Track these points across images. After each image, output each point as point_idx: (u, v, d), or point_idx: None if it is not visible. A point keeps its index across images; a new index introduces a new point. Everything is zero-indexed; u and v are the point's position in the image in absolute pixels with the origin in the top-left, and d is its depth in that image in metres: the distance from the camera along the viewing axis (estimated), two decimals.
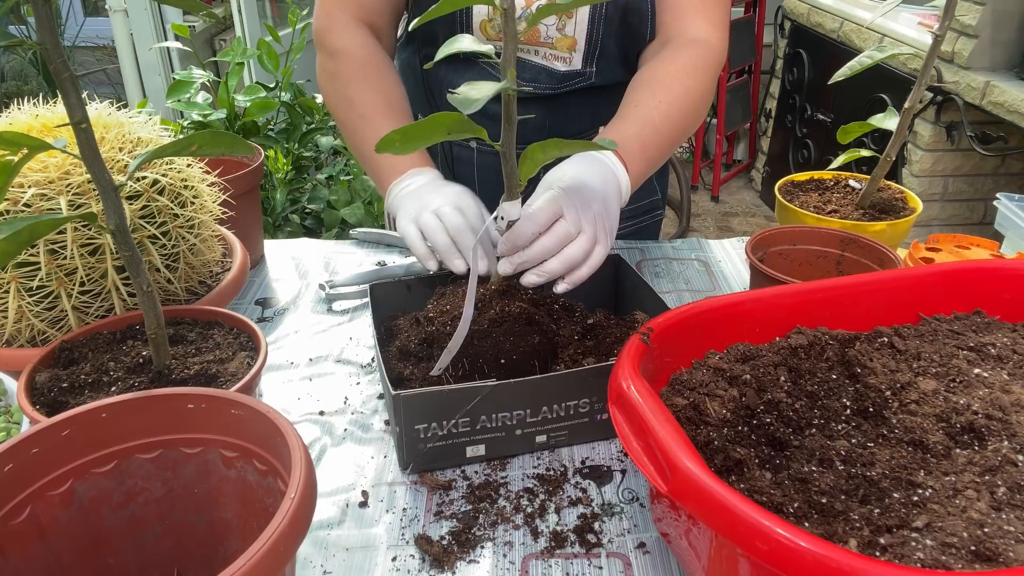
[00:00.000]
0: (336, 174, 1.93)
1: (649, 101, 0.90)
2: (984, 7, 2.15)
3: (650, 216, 1.22)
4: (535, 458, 0.74)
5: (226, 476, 0.56)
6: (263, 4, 3.18)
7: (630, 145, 0.84)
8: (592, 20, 0.95)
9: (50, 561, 0.52)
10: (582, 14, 0.95)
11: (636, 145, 0.85)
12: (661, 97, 0.90)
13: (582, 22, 0.96)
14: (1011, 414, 0.57)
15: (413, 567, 0.63)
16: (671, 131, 0.90)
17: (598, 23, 0.96)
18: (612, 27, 0.96)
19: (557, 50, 0.98)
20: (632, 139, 0.85)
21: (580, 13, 0.95)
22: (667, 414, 0.52)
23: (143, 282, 0.62)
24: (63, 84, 0.53)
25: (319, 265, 1.11)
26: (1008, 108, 2.04)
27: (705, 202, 3.82)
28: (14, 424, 0.67)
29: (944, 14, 0.94)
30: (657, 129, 0.88)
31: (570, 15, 0.95)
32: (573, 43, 0.97)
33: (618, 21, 0.95)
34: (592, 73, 1.00)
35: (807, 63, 3.26)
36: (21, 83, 3.46)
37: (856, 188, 1.11)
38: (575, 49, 0.98)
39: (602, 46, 0.97)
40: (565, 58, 0.99)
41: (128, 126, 0.80)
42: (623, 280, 0.92)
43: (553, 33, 0.97)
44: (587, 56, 0.99)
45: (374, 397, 0.84)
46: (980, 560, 0.45)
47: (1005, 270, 0.73)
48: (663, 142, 0.89)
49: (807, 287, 0.70)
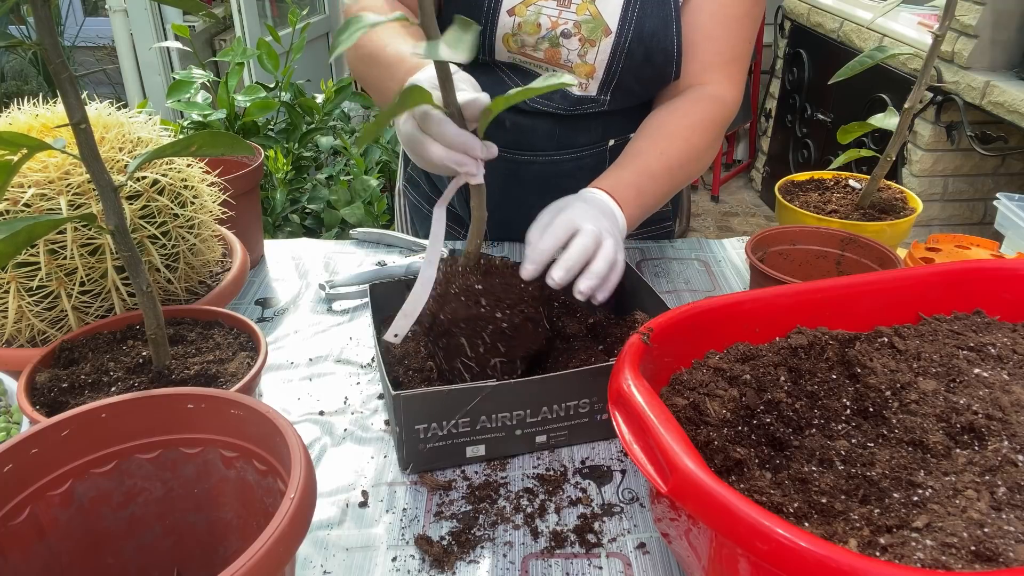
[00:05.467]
0: (336, 174, 1.93)
1: (651, 151, 0.90)
2: (984, 7, 2.15)
3: (659, 227, 1.23)
4: (535, 458, 0.74)
5: (226, 476, 0.56)
6: (263, 4, 3.19)
7: (626, 191, 0.85)
8: (614, 52, 0.95)
9: (50, 561, 0.52)
10: (605, 44, 0.95)
11: (632, 191, 0.85)
12: (663, 148, 0.91)
13: (604, 52, 0.96)
14: (1011, 414, 0.57)
15: (413, 567, 0.63)
16: (668, 182, 0.91)
17: (620, 56, 0.96)
18: (634, 63, 0.96)
19: (575, 75, 0.98)
20: (628, 185, 0.86)
21: (603, 43, 0.95)
22: (667, 414, 0.52)
23: (143, 282, 0.62)
24: (62, 84, 0.53)
25: (319, 265, 1.11)
26: (1008, 108, 2.04)
27: (705, 202, 3.82)
28: (14, 424, 0.67)
29: (944, 14, 0.94)
30: (654, 178, 0.88)
31: (593, 43, 0.95)
32: (592, 71, 0.97)
33: (641, 58, 0.95)
34: (606, 101, 1.00)
35: (807, 63, 3.26)
36: (21, 83, 3.46)
37: (856, 188, 1.11)
38: (593, 76, 0.98)
39: (620, 79, 0.98)
40: (582, 83, 0.99)
41: (128, 126, 0.80)
42: (623, 280, 0.91)
43: (574, 58, 0.97)
44: (603, 85, 0.99)
45: (374, 397, 0.84)
46: (980, 560, 0.45)
47: (1005, 270, 0.73)
48: (659, 191, 0.89)
49: (807, 287, 0.70)
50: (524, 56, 0.98)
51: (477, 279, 0.71)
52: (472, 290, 0.70)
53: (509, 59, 0.99)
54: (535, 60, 0.98)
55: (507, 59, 0.99)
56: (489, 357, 0.72)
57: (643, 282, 0.85)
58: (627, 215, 0.84)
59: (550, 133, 1.03)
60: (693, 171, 0.95)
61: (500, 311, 0.70)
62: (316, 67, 3.54)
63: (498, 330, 0.70)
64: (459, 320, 0.70)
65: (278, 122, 1.95)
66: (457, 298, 0.70)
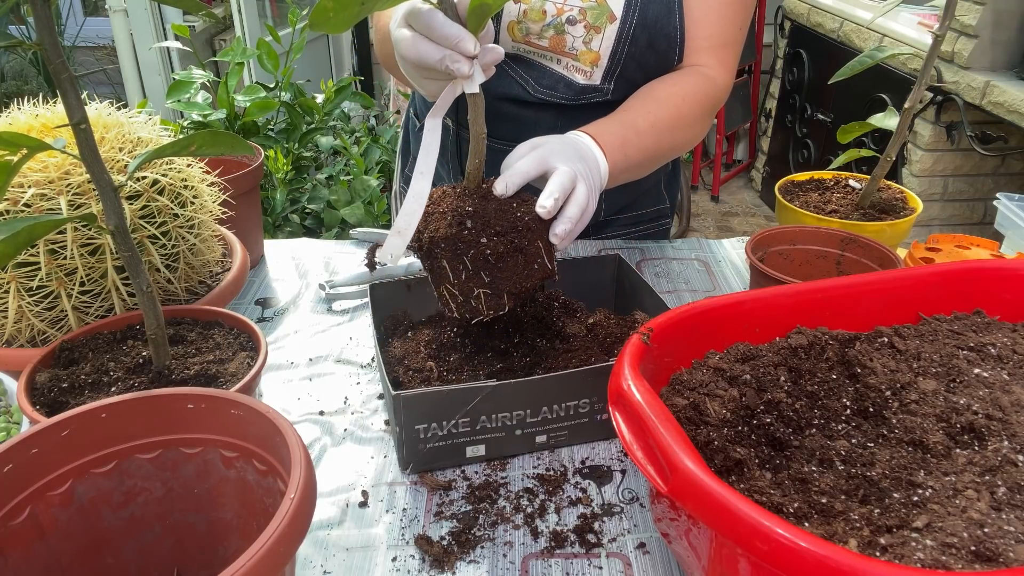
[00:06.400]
0: (336, 174, 1.93)
1: (639, 110, 0.91)
2: (984, 7, 2.16)
3: (657, 224, 1.23)
4: (535, 458, 0.74)
5: (226, 476, 0.56)
6: (263, 4, 3.19)
7: (611, 137, 0.85)
8: (619, 39, 0.96)
9: (50, 561, 0.52)
10: (610, 31, 0.95)
11: (616, 139, 0.85)
12: (651, 109, 0.91)
13: (608, 39, 0.96)
14: (1011, 414, 0.57)
15: (413, 567, 0.63)
16: (654, 141, 0.90)
17: (624, 42, 0.96)
18: (638, 49, 0.96)
19: (580, 63, 0.98)
20: (613, 133, 0.86)
21: (608, 30, 0.95)
22: (667, 414, 0.52)
23: (143, 282, 0.62)
24: (62, 84, 0.53)
25: (319, 265, 1.11)
26: (1008, 108, 2.04)
27: (705, 202, 3.82)
28: (14, 424, 0.67)
29: (944, 14, 0.94)
30: (640, 134, 0.88)
31: (598, 30, 0.95)
32: (597, 58, 0.98)
33: (644, 44, 0.96)
34: (610, 90, 1.00)
35: (807, 63, 3.26)
36: (21, 83, 3.46)
37: (856, 188, 1.11)
38: (597, 64, 0.98)
39: (624, 66, 0.98)
40: (586, 72, 0.99)
41: (128, 126, 0.79)
42: (623, 280, 0.92)
43: (579, 45, 0.97)
44: (607, 73, 0.99)
45: (374, 397, 0.84)
46: (980, 560, 0.45)
47: (1005, 270, 0.73)
48: (644, 147, 0.89)
49: (807, 287, 0.70)
50: (529, 45, 0.98)
51: (470, 201, 0.68)
52: (461, 211, 0.67)
53: (514, 49, 0.99)
54: (540, 48, 0.98)
55: (511, 49, 0.99)
56: (472, 286, 0.68)
57: (643, 282, 0.85)
58: (610, 162, 0.83)
59: (553, 125, 1.03)
60: (679, 141, 0.95)
61: (486, 236, 0.67)
62: (316, 67, 3.54)
63: (480, 256, 0.67)
64: (439, 240, 0.67)
65: (278, 122, 1.95)
66: (443, 217, 0.67)
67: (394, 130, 2.18)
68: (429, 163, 0.69)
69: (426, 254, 0.70)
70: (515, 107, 1.02)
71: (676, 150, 0.96)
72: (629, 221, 1.20)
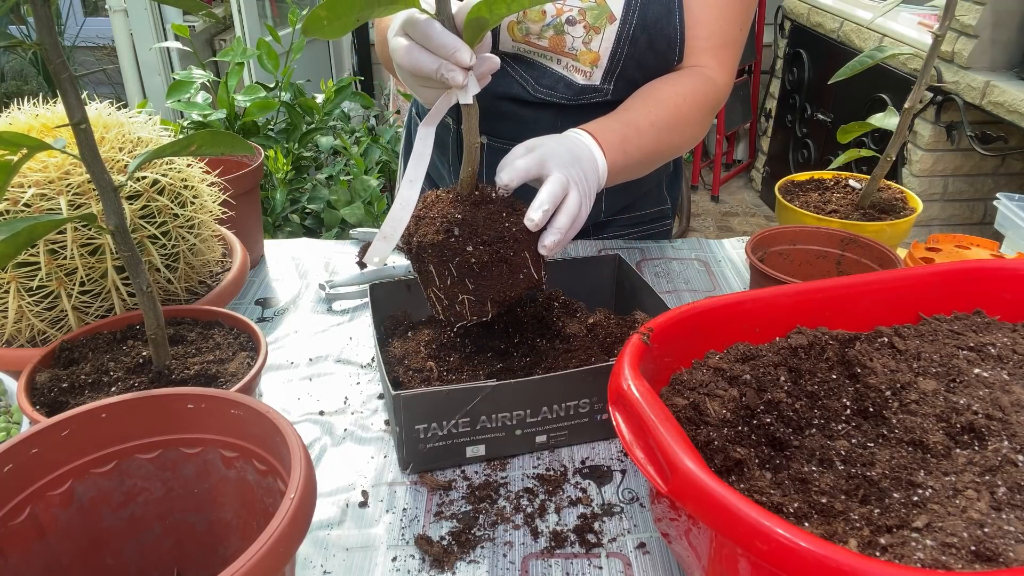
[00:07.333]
0: (336, 174, 1.93)
1: (639, 109, 0.91)
2: (984, 7, 2.15)
3: (658, 224, 1.23)
4: (535, 458, 0.74)
5: (226, 476, 0.56)
6: (263, 4, 3.19)
7: (610, 135, 0.84)
8: (619, 39, 0.96)
9: (50, 561, 0.52)
10: (609, 32, 0.95)
11: (616, 137, 0.85)
12: (651, 109, 0.91)
13: (608, 39, 0.96)
14: (1011, 414, 0.57)
15: (413, 567, 0.63)
16: (654, 140, 0.90)
17: (624, 43, 0.96)
18: (637, 49, 0.96)
19: (579, 63, 0.98)
20: (613, 131, 0.85)
21: (608, 31, 0.95)
22: (667, 414, 0.52)
23: (143, 282, 0.62)
24: (62, 84, 0.53)
25: (319, 265, 1.11)
26: (1008, 108, 2.04)
27: (705, 202, 3.82)
28: (14, 424, 0.67)
29: (944, 14, 0.94)
30: (640, 132, 0.88)
31: (598, 31, 0.95)
32: (596, 58, 0.97)
33: (644, 45, 0.96)
34: (609, 91, 1.00)
35: (807, 63, 3.26)
36: (21, 83, 3.46)
37: (856, 188, 1.11)
38: (597, 64, 0.98)
39: (623, 66, 0.98)
40: (586, 72, 0.99)
41: (128, 126, 0.80)
42: (623, 280, 0.92)
43: (579, 45, 0.97)
44: (607, 73, 0.99)
45: (374, 397, 0.84)
46: (980, 560, 0.45)
47: (1005, 270, 0.73)
48: (644, 145, 0.89)
49: (807, 287, 0.70)
50: (529, 45, 0.98)
51: (461, 208, 0.69)
52: (450, 218, 0.68)
53: (513, 49, 0.99)
54: (540, 48, 0.98)
55: (511, 49, 0.99)
56: (457, 292, 0.69)
57: (643, 282, 0.85)
58: (609, 160, 0.83)
59: (553, 124, 1.03)
60: (678, 141, 0.95)
61: (472, 244, 0.67)
62: (316, 67, 3.54)
63: (465, 264, 0.68)
64: (426, 246, 0.68)
65: (278, 122, 1.95)
66: (433, 223, 0.68)
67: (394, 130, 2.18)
68: (419, 171, 0.69)
69: (415, 257, 0.71)
70: (515, 106, 1.02)
71: (676, 150, 0.96)
72: (630, 221, 1.20)
